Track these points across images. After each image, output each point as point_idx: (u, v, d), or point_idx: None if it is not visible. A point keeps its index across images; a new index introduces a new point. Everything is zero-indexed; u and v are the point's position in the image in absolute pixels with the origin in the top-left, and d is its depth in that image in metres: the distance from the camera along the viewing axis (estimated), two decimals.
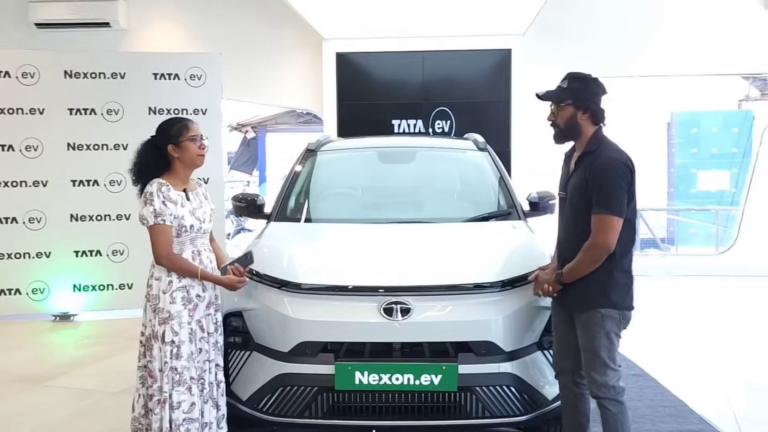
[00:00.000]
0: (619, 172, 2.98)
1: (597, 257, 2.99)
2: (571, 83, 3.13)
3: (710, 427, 4.16)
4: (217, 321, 3.27)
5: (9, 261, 6.88)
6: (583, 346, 3.09)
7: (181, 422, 3.08)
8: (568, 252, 3.12)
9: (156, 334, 3.09)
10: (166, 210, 3.09)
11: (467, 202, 4.69)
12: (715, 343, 6.23)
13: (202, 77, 7.22)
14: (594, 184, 2.99)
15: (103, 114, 7.00)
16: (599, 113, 3.11)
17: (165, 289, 3.11)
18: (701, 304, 7.93)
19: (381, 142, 5.45)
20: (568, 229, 3.19)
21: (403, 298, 3.21)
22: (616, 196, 2.95)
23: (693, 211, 14.10)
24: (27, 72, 6.88)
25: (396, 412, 3.21)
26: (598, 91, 3.12)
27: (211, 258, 3.30)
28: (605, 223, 2.95)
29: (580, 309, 3.09)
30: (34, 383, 5.11)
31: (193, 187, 3.30)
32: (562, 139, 3.20)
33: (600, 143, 3.09)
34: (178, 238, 3.15)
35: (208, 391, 3.20)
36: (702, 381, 5.15)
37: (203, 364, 3.18)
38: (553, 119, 3.17)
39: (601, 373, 3.02)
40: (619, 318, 3.08)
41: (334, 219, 4.44)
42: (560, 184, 3.31)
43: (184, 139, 3.18)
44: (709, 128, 14.80)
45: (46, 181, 6.93)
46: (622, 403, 3.05)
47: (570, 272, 3.07)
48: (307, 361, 3.21)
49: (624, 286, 3.09)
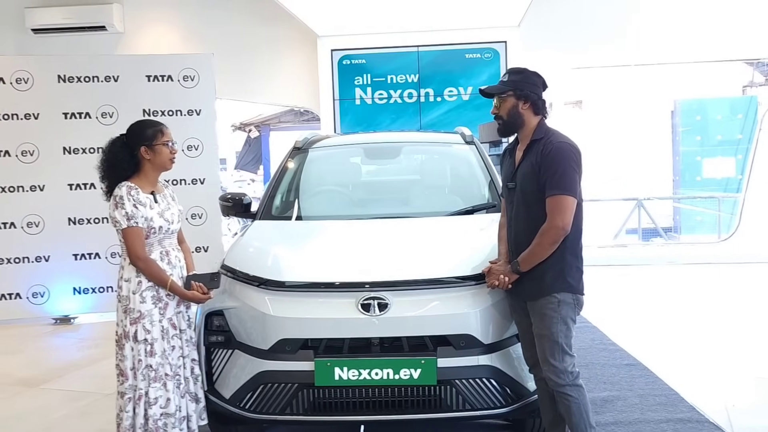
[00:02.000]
0: (570, 155, 3.05)
1: (555, 239, 3.03)
2: (511, 76, 3.22)
3: (699, 415, 4.14)
4: (189, 318, 3.33)
5: (8, 265, 6.95)
6: (539, 333, 3.10)
7: (159, 417, 3.14)
8: (523, 240, 3.14)
9: (127, 333, 3.15)
10: (138, 212, 3.13)
11: (452, 196, 4.69)
12: (712, 332, 6.20)
13: (195, 78, 7.24)
14: (547, 168, 3.04)
15: (97, 117, 7.05)
16: (539, 104, 3.19)
17: (135, 290, 3.16)
18: (700, 293, 7.88)
19: (368, 138, 5.46)
20: (519, 218, 3.21)
21: (380, 293, 3.21)
22: (570, 177, 3.02)
23: (699, 199, 14.01)
24: (21, 78, 6.94)
25: (377, 406, 3.22)
26: (538, 82, 3.20)
27: (179, 257, 3.35)
28: (561, 204, 3.00)
29: (534, 296, 3.11)
30: (30, 386, 5.17)
31: (160, 189, 3.34)
32: (507, 130, 3.27)
33: (546, 131, 3.16)
34: (147, 240, 3.19)
35: (185, 386, 3.26)
36: (696, 370, 5.13)
37: (177, 360, 3.24)
38: (497, 112, 3.25)
39: (560, 359, 3.05)
40: (574, 303, 3.11)
41: (317, 216, 4.44)
42: (505, 175, 3.36)
43: (158, 143, 3.21)
44: (714, 115, 14.70)
45: (43, 186, 6.99)
46: (581, 387, 3.10)
47: (527, 259, 3.10)
48: (288, 358, 3.22)
49: (577, 270, 3.13)
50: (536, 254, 3.07)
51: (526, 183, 3.15)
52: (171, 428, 3.17)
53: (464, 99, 9.69)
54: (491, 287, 3.24)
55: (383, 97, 9.74)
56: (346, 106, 9.79)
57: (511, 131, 3.26)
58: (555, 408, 3.22)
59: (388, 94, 9.74)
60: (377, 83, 9.74)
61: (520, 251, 3.15)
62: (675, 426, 3.98)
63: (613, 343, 5.74)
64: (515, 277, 3.15)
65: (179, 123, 6.97)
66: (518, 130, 3.23)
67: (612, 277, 8.75)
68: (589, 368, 5.05)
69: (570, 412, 3.08)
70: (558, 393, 3.09)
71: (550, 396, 3.22)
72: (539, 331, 3.10)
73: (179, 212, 3.38)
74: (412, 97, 9.73)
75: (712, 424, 4.01)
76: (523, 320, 3.24)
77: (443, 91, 9.71)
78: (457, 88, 9.68)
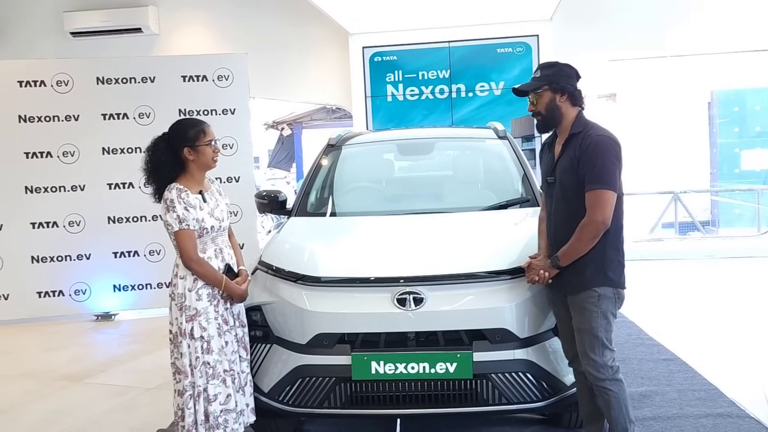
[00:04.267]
0: (610, 148, 3.01)
1: (595, 234, 3.00)
2: (543, 71, 3.20)
3: (740, 410, 4.09)
4: (233, 314, 3.35)
5: (51, 264, 7.13)
6: (579, 327, 3.09)
7: (219, 413, 3.17)
8: (562, 235, 3.13)
9: (183, 331, 3.17)
10: (189, 215, 3.16)
11: (486, 191, 4.69)
12: (751, 326, 6.09)
13: (229, 77, 7.35)
14: (586, 162, 3.02)
15: (135, 118, 7.21)
16: (577, 95, 3.16)
17: (191, 287, 3.19)
18: (738, 287, 7.74)
19: (401, 135, 5.48)
20: (559, 213, 3.19)
21: (416, 287, 3.24)
22: (610, 171, 2.99)
23: (737, 191, 13.74)
24: (61, 80, 7.12)
25: (413, 400, 3.25)
26: (571, 73, 3.18)
27: (231, 254, 3.39)
28: (601, 198, 2.98)
29: (575, 290, 3.10)
30: (74, 381, 5.31)
31: (207, 187, 3.36)
32: (546, 126, 3.25)
33: (585, 124, 3.13)
34: (200, 239, 3.22)
35: (239, 381, 3.29)
36: (735, 364, 5.05)
37: (231, 355, 3.27)
38: (534, 108, 3.22)
39: (600, 354, 3.04)
40: (615, 297, 3.09)
41: (352, 213, 4.49)
42: (545, 170, 3.34)
43: (201, 144, 3.23)
44: (753, 106, 14.40)
45: (83, 186, 7.16)
46: (621, 381, 3.09)
47: (566, 254, 3.09)
48: (325, 352, 3.27)
49: (618, 264, 3.09)
50: (576, 249, 3.06)
51: (565, 177, 3.14)
52: (233, 423, 3.21)
53: (496, 94, 9.66)
54: (531, 282, 3.24)
55: (415, 93, 9.75)
56: (378, 103, 9.83)
57: (550, 126, 3.25)
58: (593, 402, 3.22)
59: (419, 90, 9.74)
60: (409, 80, 9.75)
61: (559, 246, 3.14)
62: (715, 421, 3.94)
63: (651, 338, 5.69)
64: (555, 272, 3.15)
65: (214, 122, 6.87)
66: (557, 124, 3.21)
67: (648, 272, 8.65)
68: (627, 363, 5.01)
69: (609, 407, 3.07)
70: (597, 387, 3.08)
71: (588, 390, 3.21)
72: (579, 325, 3.09)
73: (227, 206, 3.41)
74: (443, 93, 9.72)
75: (752, 419, 3.96)
76: (561, 313, 3.23)
77: (475, 87, 9.68)
78: (488, 83, 9.65)
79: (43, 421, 4.50)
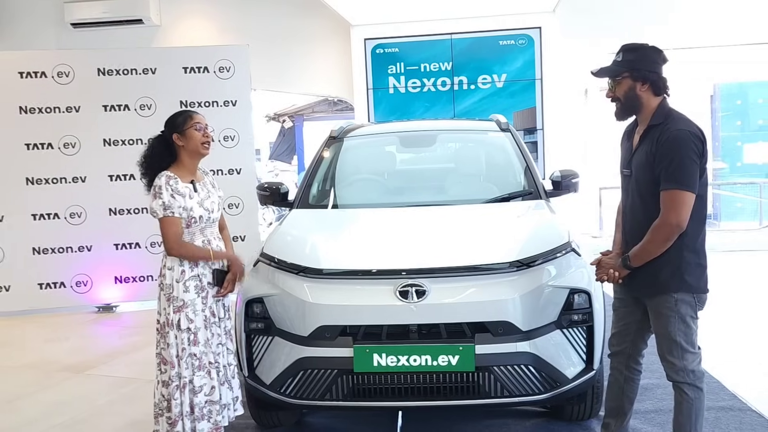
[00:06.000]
0: (689, 144, 2.78)
1: (668, 236, 2.83)
2: (625, 55, 2.96)
3: (741, 403, 4.09)
4: (225, 306, 3.38)
5: (53, 255, 7.13)
6: (656, 331, 2.99)
7: (204, 405, 3.19)
8: (635, 234, 2.98)
9: (171, 321, 3.19)
10: (175, 202, 3.18)
11: (488, 183, 4.68)
12: (753, 320, 6.10)
13: (230, 69, 7.33)
14: (662, 159, 2.81)
15: (136, 109, 7.19)
16: (660, 83, 2.93)
17: (178, 279, 3.21)
18: (740, 280, 7.74)
19: (403, 127, 5.47)
20: (634, 209, 3.02)
21: (418, 280, 3.23)
22: (687, 170, 2.77)
23: (739, 184, 13.73)
24: (62, 71, 7.09)
25: (415, 392, 3.24)
26: (657, 59, 2.95)
27: (221, 246, 3.40)
28: (676, 199, 2.78)
29: (650, 294, 2.97)
30: (76, 372, 5.31)
31: (200, 178, 3.38)
32: (624, 114, 3.03)
33: (667, 115, 2.91)
34: (188, 229, 3.24)
35: (223, 374, 3.31)
36: (737, 358, 5.05)
37: (217, 347, 3.29)
38: (612, 95, 3.01)
39: (679, 357, 2.91)
40: (694, 301, 2.94)
41: (354, 205, 4.48)
42: (622, 161, 3.14)
43: (188, 128, 3.25)
44: (755, 99, 14.39)
45: (84, 177, 7.15)
46: (701, 390, 2.94)
47: (638, 255, 2.92)
48: (327, 344, 3.26)
49: (698, 267, 2.94)
50: (648, 251, 2.89)
51: (640, 172, 2.95)
52: (216, 415, 3.23)
53: (498, 86, 9.63)
54: (600, 281, 3.17)
55: (417, 85, 9.73)
56: (380, 95, 9.81)
57: (628, 114, 3.03)
58: (621, 398, 3.22)
59: (421, 82, 9.72)
60: (411, 72, 9.73)
61: (634, 243, 2.97)
62: (716, 414, 3.93)
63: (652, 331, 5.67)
64: (626, 273, 3.01)
65: (215, 114, 7.08)
66: (637, 113, 3.00)
67: None
68: None
69: (680, 410, 2.96)
70: (675, 387, 2.98)
71: (619, 386, 3.22)
72: (657, 329, 2.98)
73: (219, 199, 3.42)
74: (445, 85, 9.70)
75: (754, 412, 3.96)
76: (621, 308, 3.17)
77: (477, 79, 9.66)
78: (491, 75, 9.62)
79: (45, 412, 4.50)
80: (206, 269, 3.27)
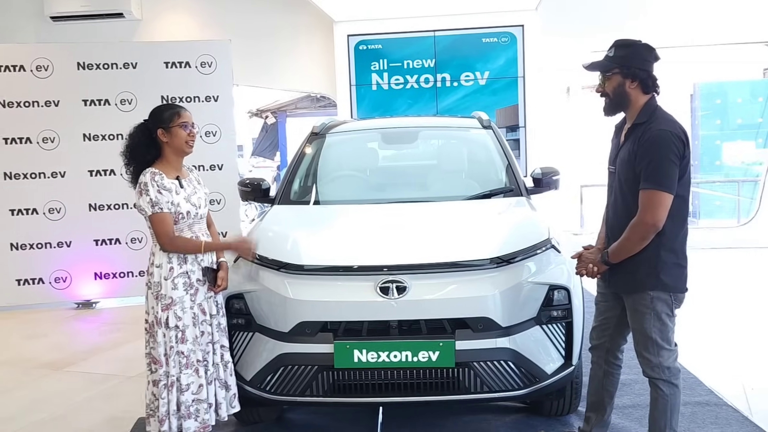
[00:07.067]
0: (669, 145, 2.79)
1: (644, 236, 2.86)
2: (617, 51, 2.98)
3: (718, 398, 4.14)
4: (218, 303, 3.34)
5: (31, 251, 7.06)
6: (633, 328, 3.03)
7: (191, 403, 3.16)
8: (617, 230, 3.02)
9: (159, 320, 3.15)
10: (162, 198, 3.14)
11: (470, 180, 4.70)
12: (730, 316, 6.17)
13: (212, 64, 7.29)
14: (642, 158, 2.84)
15: (116, 104, 7.13)
16: (649, 81, 2.94)
17: (166, 276, 3.17)
18: (719, 277, 7.83)
19: (385, 123, 5.47)
20: (616, 206, 3.06)
21: (399, 276, 3.24)
22: (665, 171, 2.79)
23: (718, 183, 13.87)
24: (41, 65, 7.02)
25: (396, 388, 3.25)
26: (648, 56, 2.96)
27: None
28: (653, 200, 2.81)
29: (627, 290, 3.02)
30: (55, 369, 5.26)
31: (185, 174, 3.35)
32: (613, 110, 3.06)
33: (651, 114, 2.92)
34: (176, 225, 3.21)
35: (212, 373, 3.27)
36: (714, 353, 5.12)
37: (206, 346, 3.25)
38: (602, 90, 3.04)
39: (655, 353, 2.95)
40: (671, 299, 2.97)
41: (335, 201, 4.48)
42: (609, 158, 3.17)
43: (174, 125, 3.21)
44: (734, 99, 14.51)
45: (63, 172, 7.08)
46: (677, 387, 2.98)
47: (616, 252, 2.97)
48: (307, 340, 3.26)
49: (675, 267, 2.96)
50: (625, 248, 2.93)
51: (623, 170, 2.98)
52: (203, 414, 3.19)
53: (481, 84, 9.66)
54: (579, 275, 3.21)
55: (399, 82, 9.73)
56: (363, 91, 9.79)
57: (617, 110, 3.05)
58: (602, 392, 3.26)
59: (404, 79, 9.72)
60: (394, 68, 9.72)
61: (614, 240, 3.01)
62: (693, 409, 3.98)
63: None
64: (604, 269, 3.06)
65: (197, 109, 6.95)
66: (625, 110, 3.03)
67: None
68: None
69: (655, 406, 3.00)
70: (651, 383, 3.02)
71: (599, 380, 3.25)
72: (633, 324, 3.02)
73: (206, 195, 3.40)
74: (428, 83, 9.71)
75: (730, 407, 4.01)
76: (602, 303, 3.22)
77: (460, 76, 9.67)
78: (473, 72, 9.64)
79: (24, 409, 4.46)
80: (195, 266, 3.23)
